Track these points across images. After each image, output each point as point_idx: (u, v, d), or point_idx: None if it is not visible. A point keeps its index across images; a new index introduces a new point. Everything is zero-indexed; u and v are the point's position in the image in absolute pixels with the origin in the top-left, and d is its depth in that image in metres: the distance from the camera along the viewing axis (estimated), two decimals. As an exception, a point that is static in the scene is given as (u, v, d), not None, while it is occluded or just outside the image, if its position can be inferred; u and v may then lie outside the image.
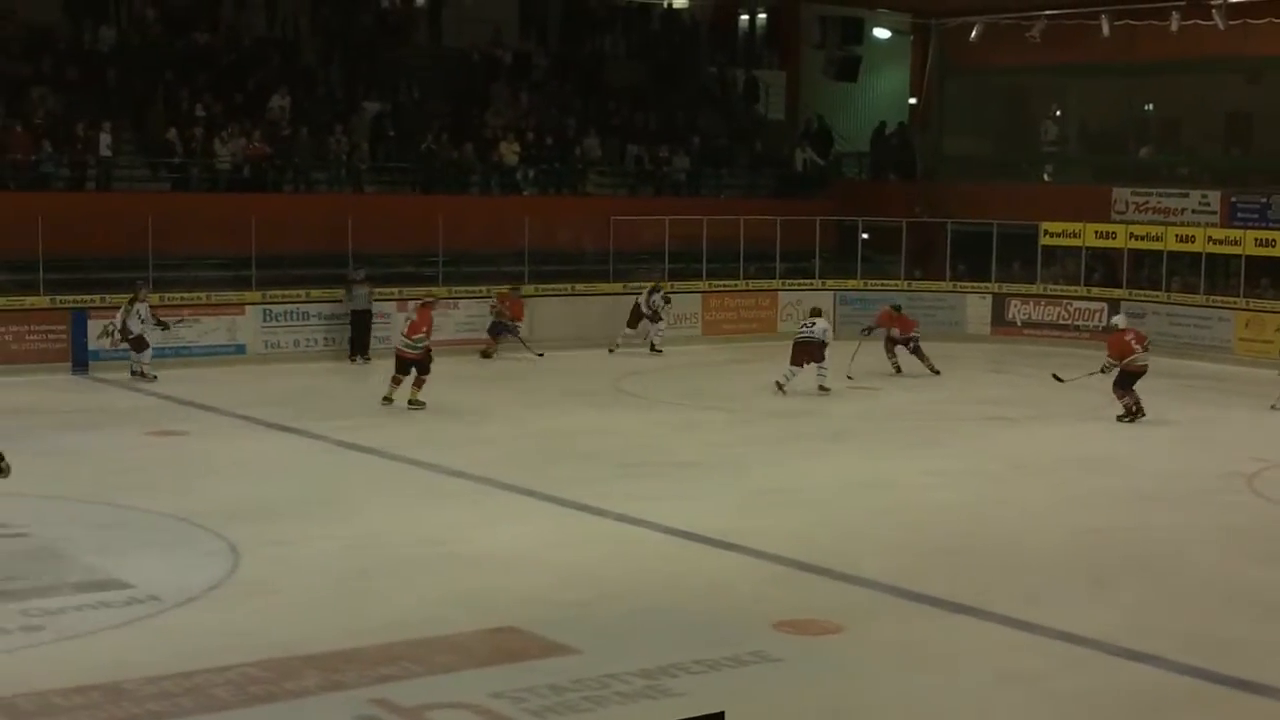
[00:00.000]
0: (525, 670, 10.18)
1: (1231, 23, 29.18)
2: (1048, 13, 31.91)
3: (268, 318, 26.23)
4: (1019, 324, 31.45)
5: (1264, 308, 28.31)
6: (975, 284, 31.96)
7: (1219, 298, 29.20)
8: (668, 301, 28.64)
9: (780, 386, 23.35)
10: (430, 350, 21.54)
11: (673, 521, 14.72)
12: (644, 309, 28.33)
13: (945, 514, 15.74)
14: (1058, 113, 36.46)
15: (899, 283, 31.79)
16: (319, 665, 10.18)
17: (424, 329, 21.56)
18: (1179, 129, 34.69)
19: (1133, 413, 21.48)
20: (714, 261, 30.96)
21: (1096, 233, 31.21)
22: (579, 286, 29.33)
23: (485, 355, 27.16)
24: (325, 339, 26.65)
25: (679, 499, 15.87)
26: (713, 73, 38.28)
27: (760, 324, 30.96)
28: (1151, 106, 35.02)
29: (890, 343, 26.06)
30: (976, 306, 31.64)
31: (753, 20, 41.49)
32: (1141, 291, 30.17)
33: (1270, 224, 29.31)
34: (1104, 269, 31.44)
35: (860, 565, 13.23)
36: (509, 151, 31.42)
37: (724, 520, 14.85)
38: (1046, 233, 31.62)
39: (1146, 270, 30.69)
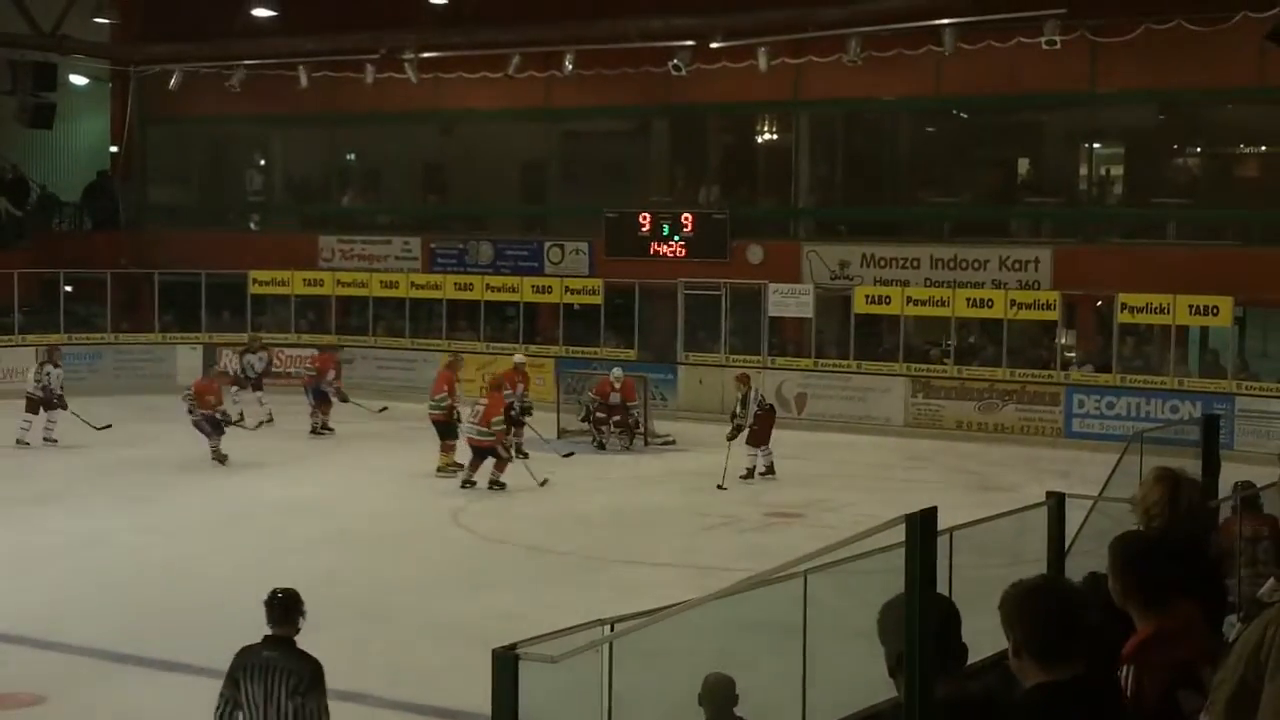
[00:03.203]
0: None
1: (424, 76, 30.38)
2: (247, 63, 31.95)
3: None
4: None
5: (464, 349, 29.56)
6: (185, 335, 31.55)
7: (423, 340, 30.39)
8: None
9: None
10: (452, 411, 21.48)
11: None
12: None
13: (157, 571, 15.47)
14: (262, 162, 36.72)
15: (105, 335, 30.90)
16: None
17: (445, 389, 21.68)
18: (380, 178, 35.73)
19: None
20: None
21: (305, 280, 31.71)
22: None
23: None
24: None
25: None
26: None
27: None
28: (354, 156, 35.89)
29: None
30: (187, 357, 31.05)
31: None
32: (351, 337, 30.90)
33: (468, 268, 30.89)
34: (315, 315, 31.97)
35: (65, 630, 12.73)
36: None
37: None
38: (255, 281, 31.78)
39: (354, 316, 31.51)
